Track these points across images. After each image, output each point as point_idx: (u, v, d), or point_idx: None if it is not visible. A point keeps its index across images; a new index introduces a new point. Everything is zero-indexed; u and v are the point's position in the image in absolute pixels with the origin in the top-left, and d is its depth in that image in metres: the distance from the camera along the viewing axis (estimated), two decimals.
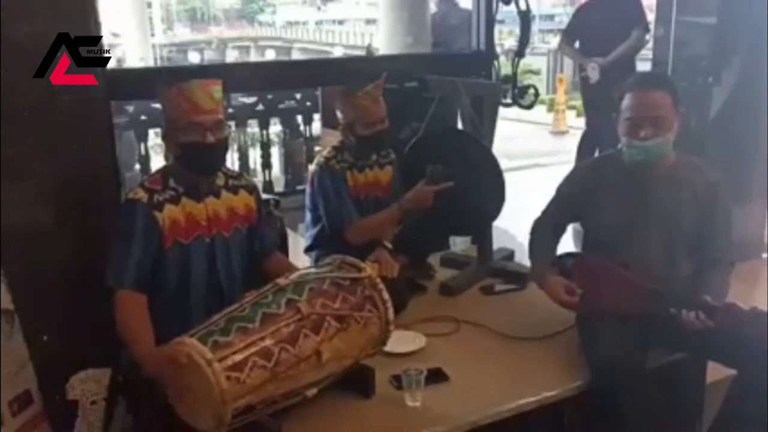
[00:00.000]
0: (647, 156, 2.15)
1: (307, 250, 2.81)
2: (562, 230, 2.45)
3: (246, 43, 31.31)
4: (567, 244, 2.66)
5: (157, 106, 2.30)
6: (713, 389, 2.31)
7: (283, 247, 2.67)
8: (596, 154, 4.02)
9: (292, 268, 2.12)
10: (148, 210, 1.92)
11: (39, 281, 2.04)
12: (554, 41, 17.77)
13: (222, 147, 2.01)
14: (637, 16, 4.43)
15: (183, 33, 33.16)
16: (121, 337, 1.88)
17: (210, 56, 26.40)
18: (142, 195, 1.94)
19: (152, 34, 21.23)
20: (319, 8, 37.28)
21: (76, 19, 2.06)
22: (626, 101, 2.15)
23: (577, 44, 4.73)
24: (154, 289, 1.95)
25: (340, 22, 34.22)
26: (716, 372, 2.29)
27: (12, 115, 1.97)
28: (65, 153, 2.08)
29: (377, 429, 1.92)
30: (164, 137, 2.03)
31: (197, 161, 1.98)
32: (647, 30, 4.29)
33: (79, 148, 2.11)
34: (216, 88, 1.96)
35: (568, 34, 4.83)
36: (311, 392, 1.79)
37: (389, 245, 2.67)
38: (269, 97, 4.95)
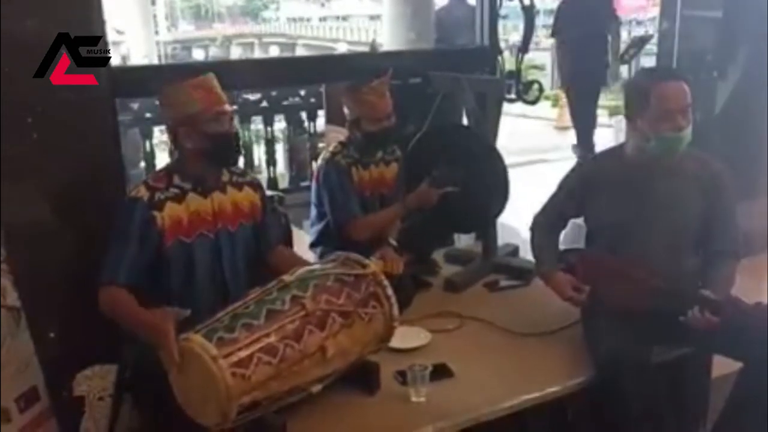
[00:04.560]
0: (680, 146, 2.12)
1: (312, 245, 2.81)
2: (563, 225, 2.44)
3: (250, 40, 31.22)
4: (571, 240, 2.66)
5: None
6: (719, 384, 2.31)
7: (288, 244, 2.67)
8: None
9: (298, 261, 2.12)
10: (147, 209, 1.91)
11: (43, 279, 2.04)
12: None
13: None
14: (609, 20, 4.43)
15: (187, 30, 33.11)
16: (117, 319, 1.86)
17: (214, 53, 26.36)
18: (143, 193, 1.93)
19: (156, 32, 21.19)
20: (322, 4, 37.21)
21: (80, 16, 2.04)
22: (656, 94, 2.07)
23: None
24: (158, 287, 1.95)
25: (344, 18, 34.14)
26: (722, 366, 2.28)
27: (13, 114, 1.96)
28: (67, 152, 2.07)
29: (382, 424, 1.92)
30: (179, 134, 1.94)
31: (227, 151, 2.00)
32: (618, 35, 4.32)
33: (80, 147, 2.09)
34: None
35: (556, 33, 4.83)
36: (316, 388, 1.80)
37: (394, 242, 2.67)
38: (273, 93, 4.95)
